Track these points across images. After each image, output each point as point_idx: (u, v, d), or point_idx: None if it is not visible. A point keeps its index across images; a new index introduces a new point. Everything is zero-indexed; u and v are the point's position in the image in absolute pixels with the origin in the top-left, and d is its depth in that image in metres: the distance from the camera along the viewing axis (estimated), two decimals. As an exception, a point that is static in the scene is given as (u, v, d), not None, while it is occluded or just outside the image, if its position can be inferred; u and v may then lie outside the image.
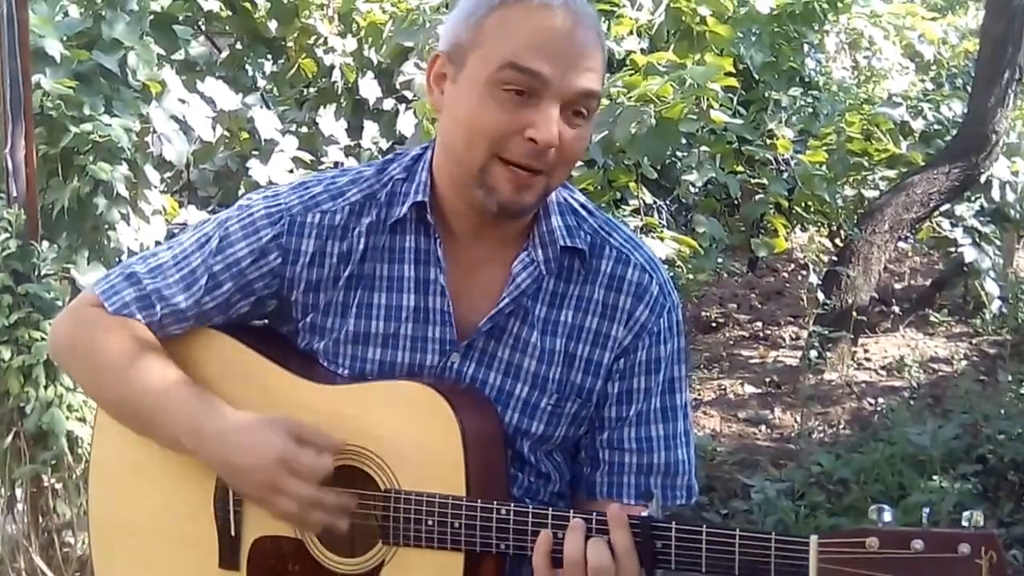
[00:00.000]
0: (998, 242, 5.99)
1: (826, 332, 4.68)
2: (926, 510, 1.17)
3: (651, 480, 1.44)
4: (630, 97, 4.05)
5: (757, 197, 5.37)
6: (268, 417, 1.36)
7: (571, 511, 1.30)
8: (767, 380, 4.97)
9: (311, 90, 4.74)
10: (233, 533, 1.42)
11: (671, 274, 1.51)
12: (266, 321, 1.49)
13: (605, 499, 1.43)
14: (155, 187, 3.38)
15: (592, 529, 1.27)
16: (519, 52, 1.28)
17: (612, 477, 1.44)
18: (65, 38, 3.15)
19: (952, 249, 5.90)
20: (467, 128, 1.32)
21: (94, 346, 1.42)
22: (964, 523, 1.15)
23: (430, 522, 1.32)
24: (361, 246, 1.40)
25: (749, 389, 4.88)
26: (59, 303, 2.73)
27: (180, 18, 3.90)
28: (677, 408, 1.46)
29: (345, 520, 1.35)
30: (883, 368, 5.18)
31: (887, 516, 1.17)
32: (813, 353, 4.66)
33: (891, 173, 5.79)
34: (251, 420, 1.36)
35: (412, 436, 1.34)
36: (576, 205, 1.45)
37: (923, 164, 5.50)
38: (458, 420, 1.32)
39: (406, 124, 4.50)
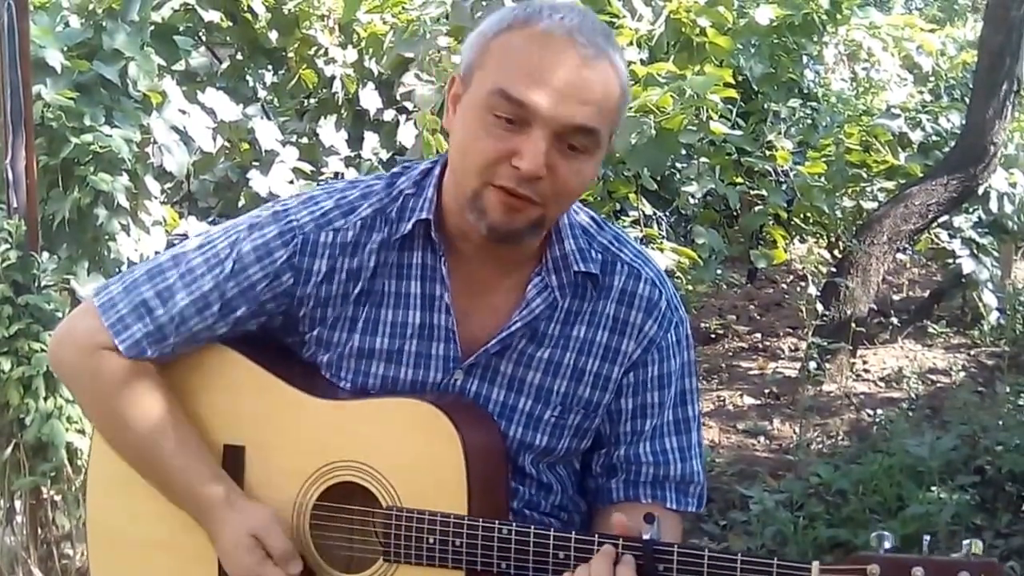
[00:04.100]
0: (996, 253, 5.99)
1: (825, 343, 4.68)
2: (927, 537, 1.17)
3: (667, 487, 1.46)
4: (630, 108, 4.06)
5: (756, 208, 5.39)
6: (248, 527, 1.37)
7: (572, 532, 1.31)
8: (766, 391, 4.96)
9: (312, 101, 4.75)
10: None
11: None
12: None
13: (621, 502, 1.45)
14: (155, 198, 3.37)
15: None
16: (510, 80, 1.27)
17: (628, 486, 1.46)
18: (66, 48, 3.14)
19: (950, 260, 5.90)
20: (461, 152, 1.33)
21: (109, 399, 1.42)
22: (963, 551, 1.15)
23: (431, 540, 1.33)
24: (372, 263, 1.40)
25: (748, 400, 4.88)
26: (59, 314, 2.72)
27: (181, 29, 3.89)
28: (690, 420, 1.48)
29: None
30: (881, 379, 5.18)
31: (887, 543, 1.18)
32: (812, 364, 4.66)
33: (889, 184, 5.80)
34: (237, 529, 1.38)
35: (414, 453, 1.35)
36: (585, 223, 1.46)
37: (921, 175, 5.51)
38: (460, 437, 1.33)
39: (407, 135, 4.51)
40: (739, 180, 5.22)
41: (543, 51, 1.27)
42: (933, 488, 3.33)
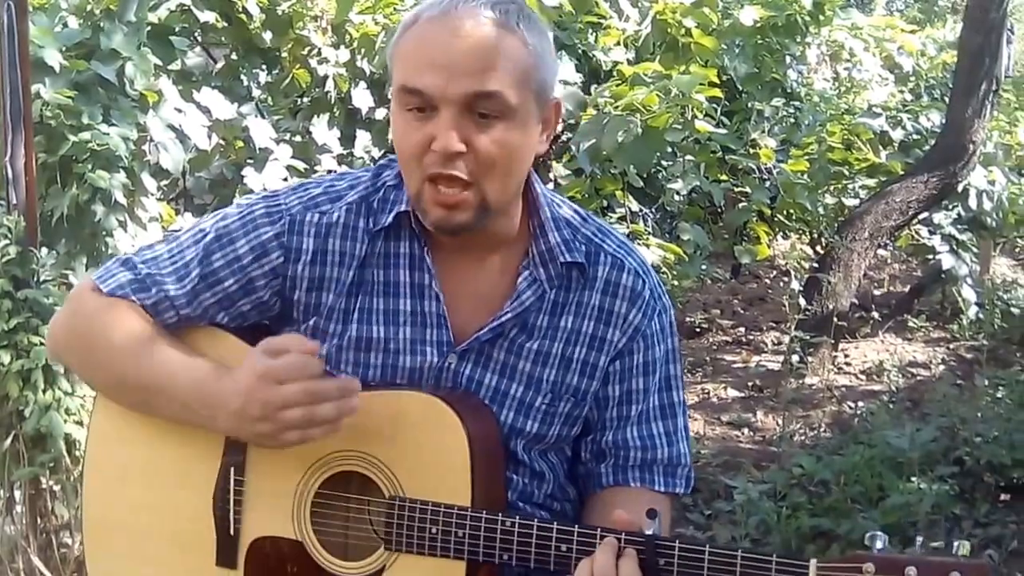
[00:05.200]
0: (975, 249, 6.06)
1: (807, 337, 4.74)
2: (919, 538, 1.21)
3: (655, 471, 1.50)
4: (617, 107, 4.12)
5: (740, 205, 5.45)
6: (253, 366, 1.32)
7: (575, 525, 1.33)
8: (750, 384, 5.03)
9: (305, 100, 4.75)
10: (232, 532, 1.44)
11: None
12: (267, 324, 1.52)
13: (611, 487, 1.49)
14: (152, 195, 3.38)
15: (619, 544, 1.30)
16: (406, 73, 1.33)
17: (617, 471, 1.50)
18: (64, 49, 3.16)
19: (930, 256, 5.97)
20: (398, 153, 1.39)
21: (93, 326, 1.44)
22: (954, 552, 1.19)
23: (434, 530, 1.35)
24: (362, 251, 1.45)
25: (732, 393, 4.95)
26: (57, 308, 2.76)
27: (177, 29, 3.91)
28: (675, 404, 1.53)
29: (354, 399, 1.31)
30: (863, 372, 5.25)
31: (879, 543, 1.21)
32: (795, 358, 4.72)
33: (871, 182, 5.88)
34: (237, 367, 1.35)
35: (418, 443, 1.37)
36: (568, 216, 1.50)
37: (902, 173, 5.58)
38: (465, 428, 1.35)
39: (397, 133, 4.53)
40: (724, 177, 5.29)
41: (426, 36, 1.33)
42: (913, 479, 3.36)
